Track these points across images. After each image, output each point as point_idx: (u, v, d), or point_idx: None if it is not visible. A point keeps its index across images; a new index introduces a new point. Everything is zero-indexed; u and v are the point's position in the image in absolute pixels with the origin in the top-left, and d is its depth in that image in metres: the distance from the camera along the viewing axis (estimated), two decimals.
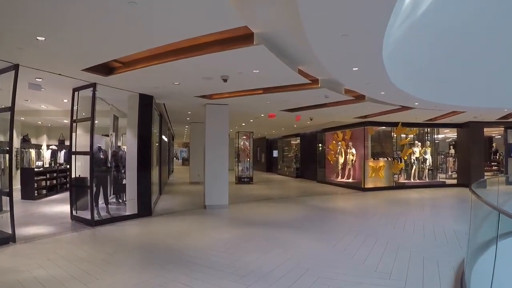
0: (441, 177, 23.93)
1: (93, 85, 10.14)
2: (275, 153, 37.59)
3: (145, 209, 11.89)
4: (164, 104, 15.04)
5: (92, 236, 9.23)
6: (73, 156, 11.39)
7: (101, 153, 11.60)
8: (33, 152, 20.45)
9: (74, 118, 11.06)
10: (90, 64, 8.46)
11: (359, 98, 13.20)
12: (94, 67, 8.70)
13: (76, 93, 10.80)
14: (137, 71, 8.82)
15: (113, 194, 13.60)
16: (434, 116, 19.22)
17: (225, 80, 9.33)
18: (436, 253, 7.63)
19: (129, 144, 12.07)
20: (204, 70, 8.79)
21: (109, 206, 11.85)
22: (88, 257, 7.24)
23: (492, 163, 30.01)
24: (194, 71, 8.90)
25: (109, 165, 11.91)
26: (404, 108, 15.41)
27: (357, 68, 8.56)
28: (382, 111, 16.50)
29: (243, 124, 23.79)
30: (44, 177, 16.61)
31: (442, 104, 13.77)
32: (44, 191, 16.37)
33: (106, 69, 9.12)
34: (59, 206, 13.05)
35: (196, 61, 7.93)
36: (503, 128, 23.20)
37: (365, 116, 18.60)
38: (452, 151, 25.22)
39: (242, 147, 25.81)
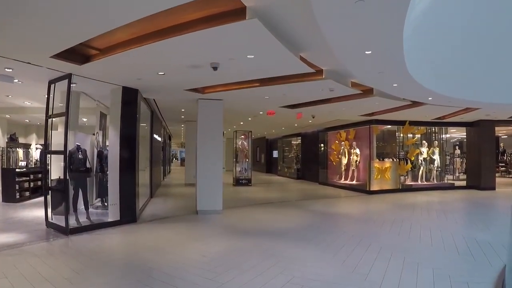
0: (447, 178, 22.79)
1: (69, 76, 9.04)
2: (275, 154, 36.57)
3: (128, 215, 10.72)
4: (154, 100, 13.97)
5: (63, 248, 8.04)
6: (50, 156, 10.40)
7: (80, 152, 10.41)
8: (20, 151, 19.41)
9: (50, 113, 9.90)
10: (59, 49, 7.28)
11: (367, 92, 12.05)
12: (65, 54, 7.62)
13: (52, 85, 9.72)
14: (114, 57, 7.67)
15: (98, 198, 12.61)
16: (444, 114, 18.09)
17: (215, 68, 8.08)
18: (462, 270, 6.49)
19: (111, 144, 10.91)
20: (190, 54, 7.55)
21: (91, 211, 10.78)
22: (51, 275, 6.09)
23: (500, 164, 29.10)
24: (178, 56, 7.69)
25: (88, 165, 10.68)
26: (414, 104, 14.24)
27: (370, 52, 7.23)
28: (390, 108, 15.32)
29: (241, 123, 22.73)
30: (28, 178, 15.44)
31: (457, 98, 12.56)
32: (27, 193, 15.23)
33: (80, 56, 8.02)
34: (40, 210, 11.77)
35: (179, 43, 6.75)
36: None
37: (371, 114, 17.41)
38: (458, 151, 24.11)
39: (240, 147, 24.62)
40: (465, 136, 22.58)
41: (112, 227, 10.10)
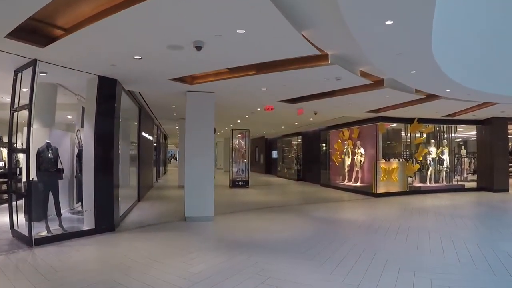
0: (457, 180, 21.52)
1: (34, 63, 7.76)
2: (275, 154, 35.34)
3: (105, 223, 9.40)
4: (141, 94, 12.87)
5: (20, 263, 6.68)
6: (27, 155, 8.85)
7: (50, 151, 9.11)
8: (4, 151, 18.14)
9: (16, 106, 8.65)
10: (13, 26, 5.92)
11: (377, 84, 10.71)
12: (25, 35, 6.45)
13: (19, 75, 8.45)
14: (77, 36, 6.36)
15: (78, 202, 11.35)
16: (456, 111, 16.93)
17: (198, 48, 6.69)
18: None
19: (85, 141, 9.64)
20: (167, 28, 6.17)
21: (70, 217, 10.13)
22: None
23: (510, 164, 27.86)
24: (153, 32, 6.34)
25: (60, 166, 9.34)
26: (428, 98, 12.94)
27: (392, 22, 5.77)
28: (400, 102, 14.00)
29: (238, 121, 21.58)
30: (5, 179, 13.95)
31: (477, 91, 11.22)
32: (5, 196, 13.76)
33: (43, 38, 6.72)
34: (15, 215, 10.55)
35: (151, 12, 5.44)
36: None
37: (378, 110, 16.06)
38: (464, 151, 22.82)
39: (237, 146, 23.22)
40: (471, 135, 21.95)
41: (85, 237, 8.79)
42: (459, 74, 9.51)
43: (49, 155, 9.09)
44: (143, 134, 16.59)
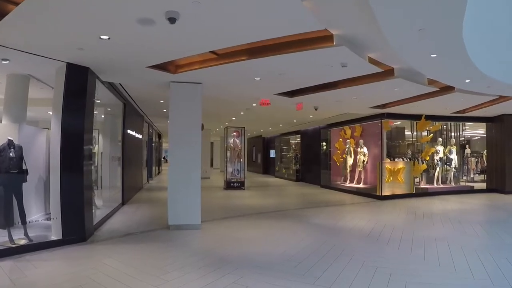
0: (465, 180, 20.50)
1: None
2: (273, 153, 34.09)
3: (74, 233, 8.15)
4: (122, 86, 11.73)
5: None
6: None
7: (12, 150, 7.84)
8: None
9: None
10: None
11: (387, 74, 9.51)
12: None
13: None
14: (29, 7, 5.18)
15: None
16: (468, 106, 15.74)
17: (172, 20, 5.34)
18: None
19: (52, 139, 8.36)
20: None
21: (44, 223, 8.87)
22: None
23: None
24: (118, 2, 5.07)
25: (24, 167, 8.06)
26: (441, 91, 11.70)
27: None
28: (409, 96, 12.76)
29: (234, 118, 20.51)
30: None
31: (500, 82, 9.96)
32: None
33: None
34: None
35: None
36: None
37: (383, 106, 14.81)
38: (468, 150, 21.62)
39: (232, 145, 21.87)
40: (475, 134, 21.42)
41: (50, 250, 7.55)
42: (484, 61, 8.30)
43: (11, 154, 7.85)
44: (129, 131, 15.29)
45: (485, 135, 20.69)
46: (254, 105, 14.51)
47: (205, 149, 28.81)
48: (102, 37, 6.41)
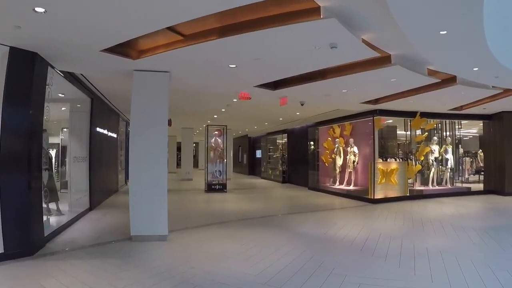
0: (461, 181, 19.26)
1: None
2: (259, 154, 32.89)
3: (19, 246, 6.91)
4: (86, 78, 10.46)
5: None
6: None
7: None
8: None
9: None
10: None
11: (383, 61, 8.32)
12: None
13: None
14: None
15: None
16: (467, 102, 14.59)
17: None
18: None
19: None
20: None
21: None
22: None
23: None
24: None
25: None
26: (442, 83, 10.52)
27: None
28: (408, 89, 11.52)
29: (215, 116, 19.27)
30: None
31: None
32: None
33: None
34: None
35: None
36: None
37: (377, 101, 13.58)
38: (461, 150, 20.60)
39: (213, 145, 20.47)
40: (468, 134, 20.74)
41: None
42: (499, 45, 7.16)
43: None
44: (99, 130, 13.94)
45: (477, 135, 20.16)
46: (234, 100, 13.32)
47: (188, 149, 27.76)
48: (36, 9, 5.13)
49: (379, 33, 6.82)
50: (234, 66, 8.36)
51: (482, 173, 19.46)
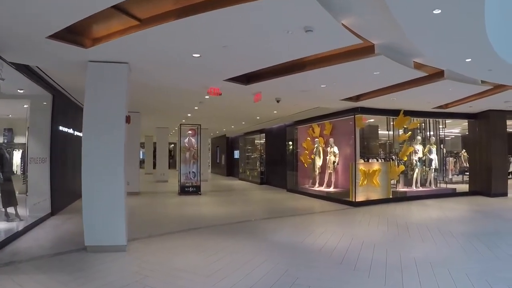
0: (440, 182, 18.60)
1: None
2: (237, 154, 31.88)
3: None
4: (43, 71, 9.43)
5: None
6: None
7: None
8: None
9: None
10: None
11: (366, 50, 7.53)
12: None
13: None
14: None
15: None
16: (453, 100, 13.90)
17: None
18: None
19: None
20: None
21: None
22: None
23: None
24: None
25: None
26: (430, 78, 9.79)
27: None
28: (392, 84, 10.68)
29: (189, 114, 18.43)
30: None
31: (505, 62, 7.92)
32: None
33: None
34: None
35: None
36: None
37: (358, 98, 12.76)
38: (443, 150, 20.05)
39: (187, 145, 19.50)
40: (451, 134, 20.39)
41: None
42: (497, 34, 6.45)
43: None
44: (62, 129, 12.91)
45: (460, 135, 20.12)
46: (207, 97, 12.42)
47: (163, 150, 26.90)
48: None
49: (361, 17, 6.00)
50: (199, 55, 7.43)
51: (466, 173, 19.07)
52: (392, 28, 6.23)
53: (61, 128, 12.58)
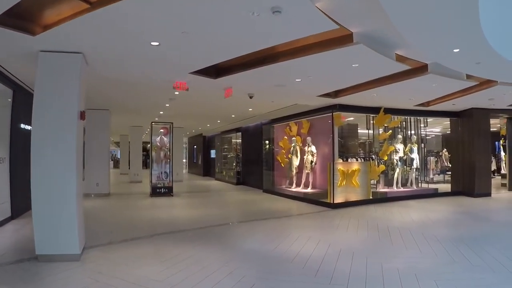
0: (421, 181, 18.08)
1: None
2: (213, 154, 31.11)
3: None
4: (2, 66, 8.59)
5: None
6: None
7: None
8: None
9: None
10: None
11: (344, 40, 6.84)
12: None
13: None
14: None
15: None
16: (437, 97, 13.30)
17: None
18: None
19: None
20: None
21: None
22: None
23: None
24: None
25: None
26: (413, 72, 9.21)
27: None
28: (371, 79, 10.07)
29: (161, 112, 17.59)
30: None
31: (499, 56, 7.30)
32: None
33: None
34: None
35: None
36: (505, 119, 18.49)
37: (336, 94, 12.06)
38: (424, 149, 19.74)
39: (159, 144, 18.61)
40: (431, 133, 19.85)
41: None
42: (490, 22, 5.84)
43: None
44: (23, 126, 12.02)
45: (440, 134, 19.95)
46: (176, 93, 11.66)
47: (136, 149, 26.18)
48: None
49: (338, 0, 5.29)
50: (157, 44, 6.67)
51: (448, 172, 18.74)
52: (373, 14, 5.56)
53: (22, 125, 11.69)
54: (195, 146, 36.55)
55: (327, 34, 6.72)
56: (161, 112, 17.55)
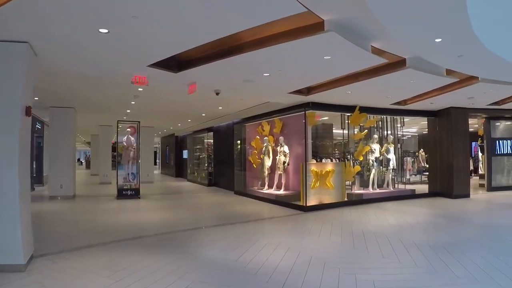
0: (398, 182, 17.73)
1: None
2: (185, 154, 30.32)
3: None
4: None
5: None
6: None
7: None
8: None
9: None
10: None
11: (315, 27, 6.19)
12: None
13: None
14: None
15: None
16: (415, 95, 12.81)
17: None
18: None
19: None
20: None
21: None
22: None
23: None
24: None
25: None
26: (391, 67, 8.67)
27: None
28: (345, 74, 9.49)
29: (128, 111, 16.78)
30: None
31: (485, 49, 6.77)
32: None
33: None
34: None
35: None
36: (483, 119, 18.35)
37: (309, 90, 11.44)
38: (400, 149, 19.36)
39: (125, 144, 17.76)
40: (407, 133, 19.54)
41: None
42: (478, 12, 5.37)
43: None
44: None
45: (416, 134, 19.98)
46: (140, 89, 10.96)
47: (105, 149, 25.30)
48: None
49: None
50: (106, 31, 5.93)
51: (425, 173, 18.51)
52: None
53: None
54: (167, 146, 35.87)
55: (296, 22, 6.13)
56: (128, 111, 16.79)
